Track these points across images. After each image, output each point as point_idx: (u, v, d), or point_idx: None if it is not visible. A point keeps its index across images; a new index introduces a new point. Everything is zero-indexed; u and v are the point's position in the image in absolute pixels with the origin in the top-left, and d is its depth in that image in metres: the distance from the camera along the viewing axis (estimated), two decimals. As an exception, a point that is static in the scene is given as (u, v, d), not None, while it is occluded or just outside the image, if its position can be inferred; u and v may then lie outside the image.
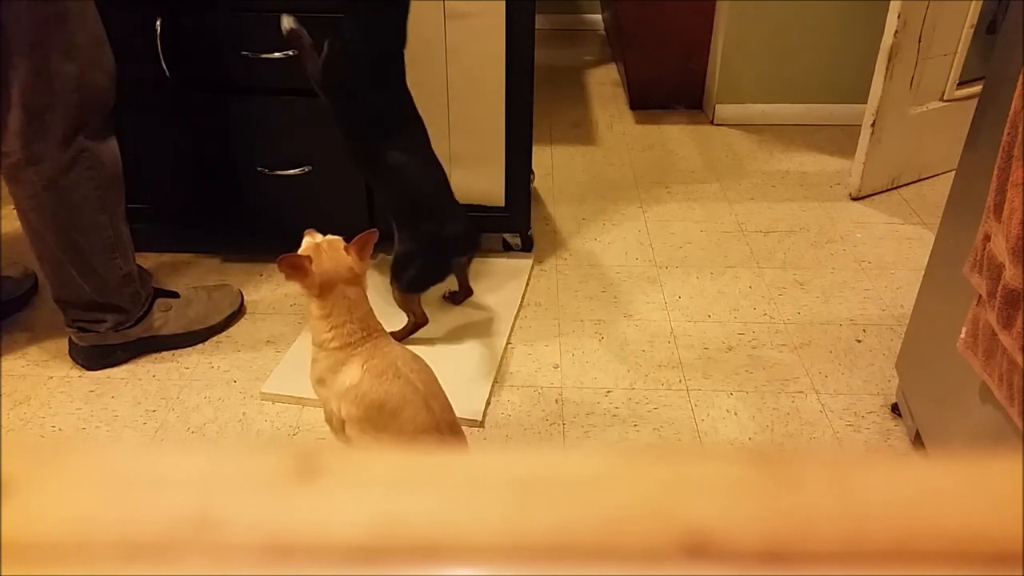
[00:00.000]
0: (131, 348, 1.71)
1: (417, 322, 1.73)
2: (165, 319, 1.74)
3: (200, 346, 1.76)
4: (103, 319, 1.66)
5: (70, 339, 1.70)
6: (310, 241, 1.29)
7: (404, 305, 1.71)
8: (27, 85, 1.40)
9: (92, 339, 1.67)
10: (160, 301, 1.74)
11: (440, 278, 1.74)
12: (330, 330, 1.25)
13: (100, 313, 1.65)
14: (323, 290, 1.24)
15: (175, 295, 1.78)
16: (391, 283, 1.68)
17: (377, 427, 1.22)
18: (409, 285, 1.68)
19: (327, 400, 1.29)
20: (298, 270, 1.22)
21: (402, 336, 1.72)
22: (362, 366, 1.24)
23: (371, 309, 1.30)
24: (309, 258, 1.23)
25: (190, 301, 1.78)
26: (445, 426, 1.26)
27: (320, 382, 1.29)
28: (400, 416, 1.22)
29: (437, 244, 1.66)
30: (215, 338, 1.79)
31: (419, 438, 1.22)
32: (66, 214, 1.53)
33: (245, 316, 1.86)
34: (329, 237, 1.29)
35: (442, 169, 1.67)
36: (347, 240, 1.29)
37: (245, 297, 1.91)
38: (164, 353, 1.74)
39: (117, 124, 1.90)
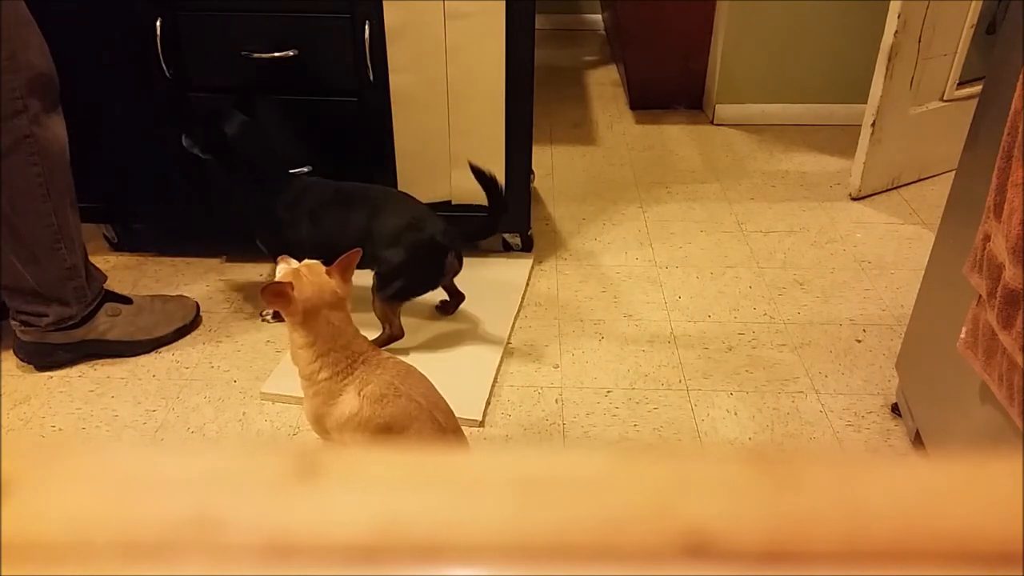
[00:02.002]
0: (74, 349, 1.69)
1: (393, 334, 1.70)
2: (112, 324, 1.71)
3: (200, 346, 1.76)
4: (45, 312, 1.63)
5: (14, 334, 1.67)
6: (286, 267, 1.24)
7: (385, 316, 1.68)
8: None
9: (34, 335, 1.65)
10: (109, 305, 1.71)
11: (431, 286, 1.71)
12: (316, 360, 1.21)
13: (43, 305, 1.63)
14: (306, 317, 1.19)
15: (128, 301, 1.75)
16: (374, 293, 1.65)
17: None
18: (395, 295, 1.65)
19: (325, 433, 1.25)
20: (280, 297, 1.17)
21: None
22: (359, 394, 1.20)
23: (356, 331, 1.26)
24: (291, 284, 1.18)
25: (141, 309, 1.75)
26: (451, 434, 1.25)
27: (317, 420, 1.24)
28: (406, 433, 1.20)
29: (426, 251, 1.64)
30: (215, 338, 1.79)
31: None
32: (5, 200, 1.50)
33: (245, 317, 1.86)
34: (307, 261, 1.24)
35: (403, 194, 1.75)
36: (326, 263, 1.24)
37: (244, 297, 1.91)
38: (164, 353, 1.74)
39: (117, 124, 1.91)
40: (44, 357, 1.69)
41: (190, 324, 1.81)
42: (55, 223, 1.57)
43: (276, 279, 1.22)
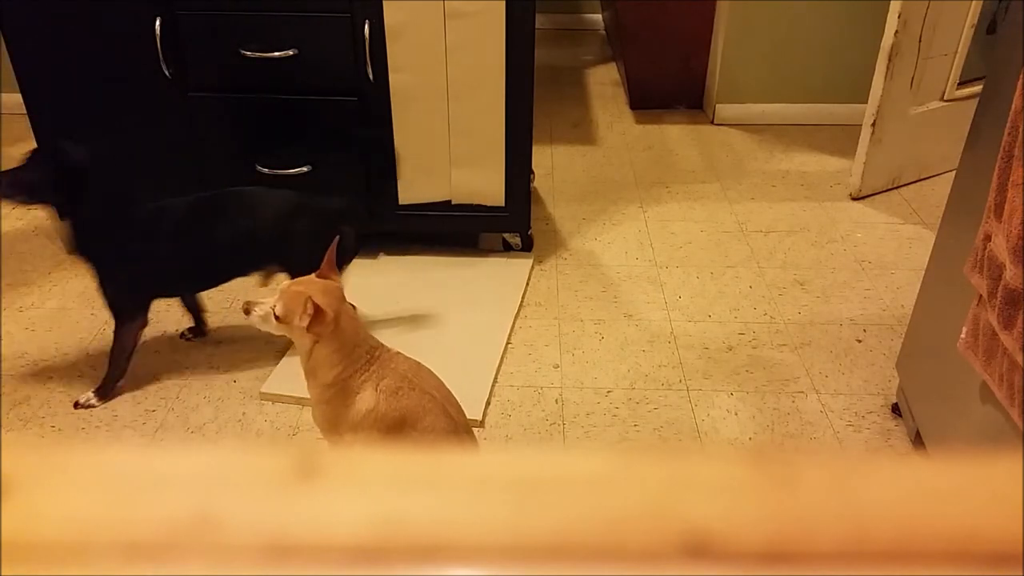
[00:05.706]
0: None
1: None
2: None
3: (200, 346, 1.76)
4: None
5: None
6: (263, 307, 1.22)
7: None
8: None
9: None
10: None
11: (347, 258, 1.63)
12: (341, 362, 1.20)
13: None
14: (337, 324, 1.19)
15: None
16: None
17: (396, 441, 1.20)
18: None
19: (337, 437, 1.24)
20: (320, 314, 1.17)
21: None
22: (375, 388, 1.20)
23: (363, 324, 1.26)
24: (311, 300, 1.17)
25: None
26: (463, 428, 1.25)
27: (332, 424, 1.23)
28: (419, 426, 1.20)
29: (325, 223, 1.57)
30: (215, 338, 1.79)
31: (439, 443, 1.20)
32: None
33: (245, 317, 1.85)
34: (288, 281, 1.24)
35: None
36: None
37: (244, 296, 1.91)
38: (164, 353, 1.74)
39: (117, 124, 1.91)
40: None
41: None
42: None
43: (278, 310, 1.20)
